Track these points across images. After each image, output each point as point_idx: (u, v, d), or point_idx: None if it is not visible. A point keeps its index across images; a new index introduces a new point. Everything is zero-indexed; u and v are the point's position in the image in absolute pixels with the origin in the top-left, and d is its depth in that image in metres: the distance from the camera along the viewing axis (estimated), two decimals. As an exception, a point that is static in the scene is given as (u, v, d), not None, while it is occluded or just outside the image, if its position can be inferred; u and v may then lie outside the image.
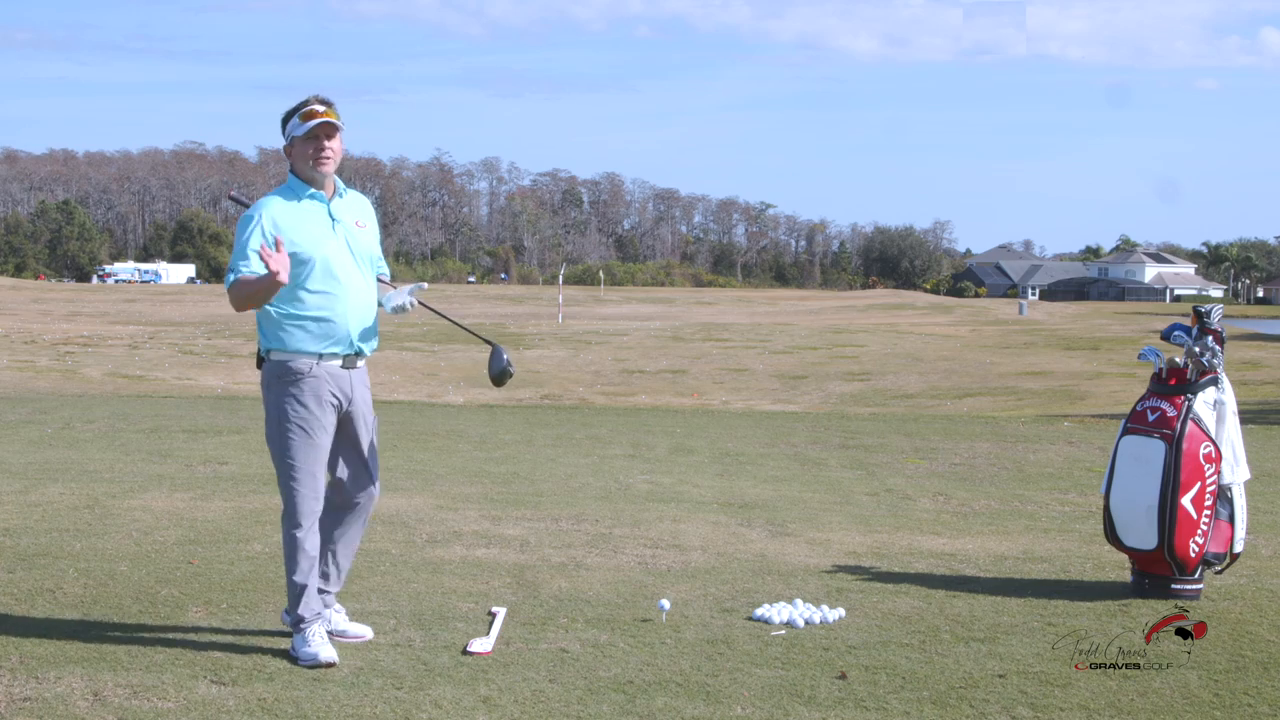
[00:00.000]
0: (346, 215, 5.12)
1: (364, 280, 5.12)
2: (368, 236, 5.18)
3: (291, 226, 4.95)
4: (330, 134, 5.01)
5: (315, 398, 4.99)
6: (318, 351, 4.99)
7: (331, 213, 5.07)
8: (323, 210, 5.06)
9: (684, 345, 42.11)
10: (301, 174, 5.06)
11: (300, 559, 5.00)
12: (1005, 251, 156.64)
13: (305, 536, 5.00)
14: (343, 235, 5.06)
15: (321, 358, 5.00)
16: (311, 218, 5.01)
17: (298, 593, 5.00)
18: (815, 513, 8.70)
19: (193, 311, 59.10)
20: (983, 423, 17.01)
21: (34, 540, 7.12)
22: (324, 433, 5.03)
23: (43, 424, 13.76)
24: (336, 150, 5.04)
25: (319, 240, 4.98)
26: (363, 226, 5.17)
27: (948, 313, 69.76)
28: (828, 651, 5.21)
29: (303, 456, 4.99)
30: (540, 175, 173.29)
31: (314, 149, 5.00)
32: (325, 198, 5.08)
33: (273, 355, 5.03)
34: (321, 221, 5.03)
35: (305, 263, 4.94)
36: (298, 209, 5.01)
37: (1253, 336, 48.93)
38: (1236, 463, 6.32)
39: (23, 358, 31.73)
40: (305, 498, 4.99)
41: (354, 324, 5.05)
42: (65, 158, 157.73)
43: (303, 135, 4.98)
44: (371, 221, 5.26)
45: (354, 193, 5.26)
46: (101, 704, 4.39)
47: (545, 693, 4.63)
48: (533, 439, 13.18)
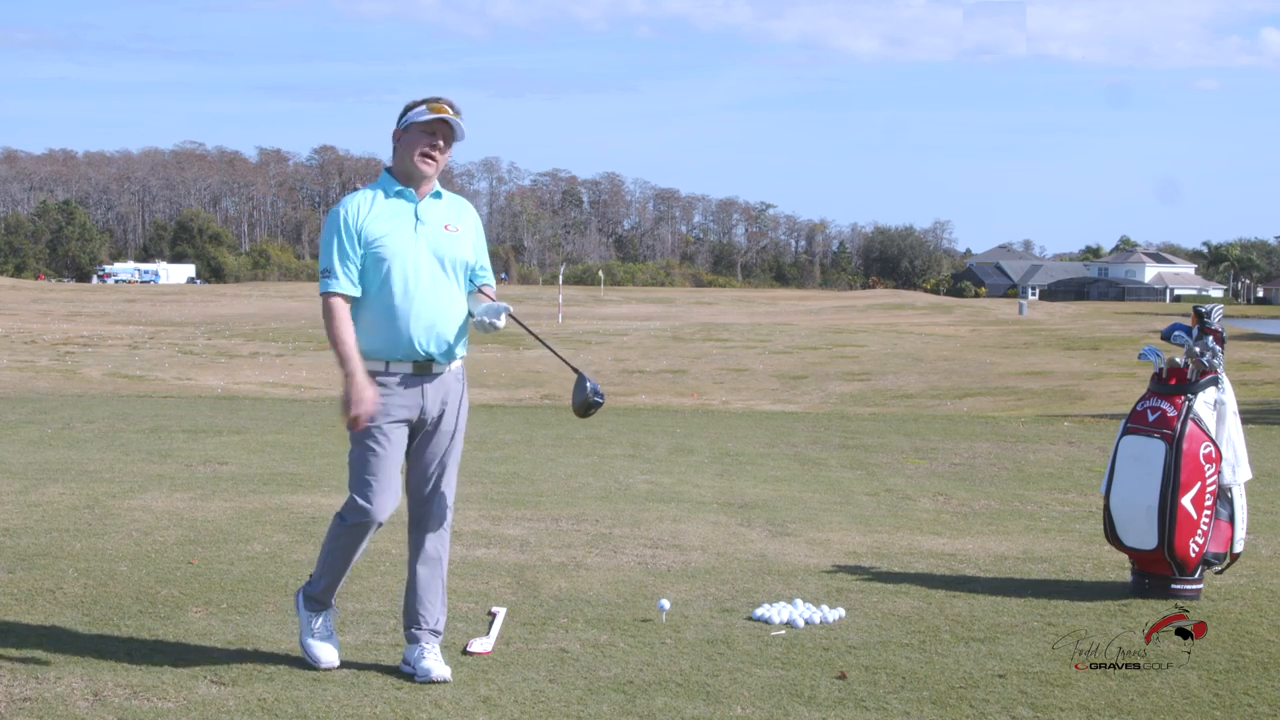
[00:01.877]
0: (435, 217, 4.89)
1: (444, 286, 4.84)
2: (459, 241, 4.90)
3: (372, 223, 4.78)
4: (447, 137, 4.83)
5: (382, 406, 4.77)
6: (385, 357, 4.81)
7: (418, 213, 4.85)
8: (409, 209, 4.85)
9: (684, 345, 42.12)
10: (399, 168, 4.86)
11: (341, 552, 4.88)
12: (1005, 251, 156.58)
13: (342, 533, 4.86)
14: (426, 237, 4.82)
15: (389, 364, 4.82)
16: (395, 215, 4.82)
17: (321, 572, 4.92)
18: (815, 513, 8.70)
19: (193, 311, 59.12)
20: (983, 423, 17.01)
21: (34, 540, 7.12)
22: (390, 443, 4.81)
23: (43, 424, 13.76)
24: (444, 156, 4.85)
25: (397, 240, 4.77)
26: (454, 231, 4.89)
27: (948, 313, 69.76)
28: (828, 651, 5.21)
29: (362, 459, 4.82)
30: (540, 175, 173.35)
31: (426, 143, 4.80)
32: (415, 197, 4.87)
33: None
34: (405, 221, 4.82)
35: (381, 262, 4.76)
36: (382, 205, 4.83)
37: (1253, 336, 48.93)
38: (1238, 463, 6.32)
39: (23, 358, 31.74)
40: (365, 500, 4.81)
41: (422, 330, 4.77)
42: (65, 158, 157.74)
43: (421, 123, 4.78)
44: (468, 226, 4.96)
45: (453, 196, 5.02)
46: (101, 704, 4.39)
47: (545, 693, 4.63)
48: (533, 439, 13.18)
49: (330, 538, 4.93)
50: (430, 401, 4.86)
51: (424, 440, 4.92)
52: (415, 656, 4.85)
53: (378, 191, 4.87)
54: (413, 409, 4.84)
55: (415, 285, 4.78)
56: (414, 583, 4.95)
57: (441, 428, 4.93)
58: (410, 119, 4.82)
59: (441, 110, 4.79)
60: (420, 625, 4.91)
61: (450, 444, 4.96)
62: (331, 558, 4.93)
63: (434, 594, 4.96)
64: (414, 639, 4.90)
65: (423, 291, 4.79)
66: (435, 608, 4.95)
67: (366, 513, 4.81)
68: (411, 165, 4.82)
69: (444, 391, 4.90)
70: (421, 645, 4.88)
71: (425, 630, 4.91)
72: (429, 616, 4.93)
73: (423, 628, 4.91)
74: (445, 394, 4.91)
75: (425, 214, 4.87)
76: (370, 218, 4.80)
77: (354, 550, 4.91)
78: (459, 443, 5.01)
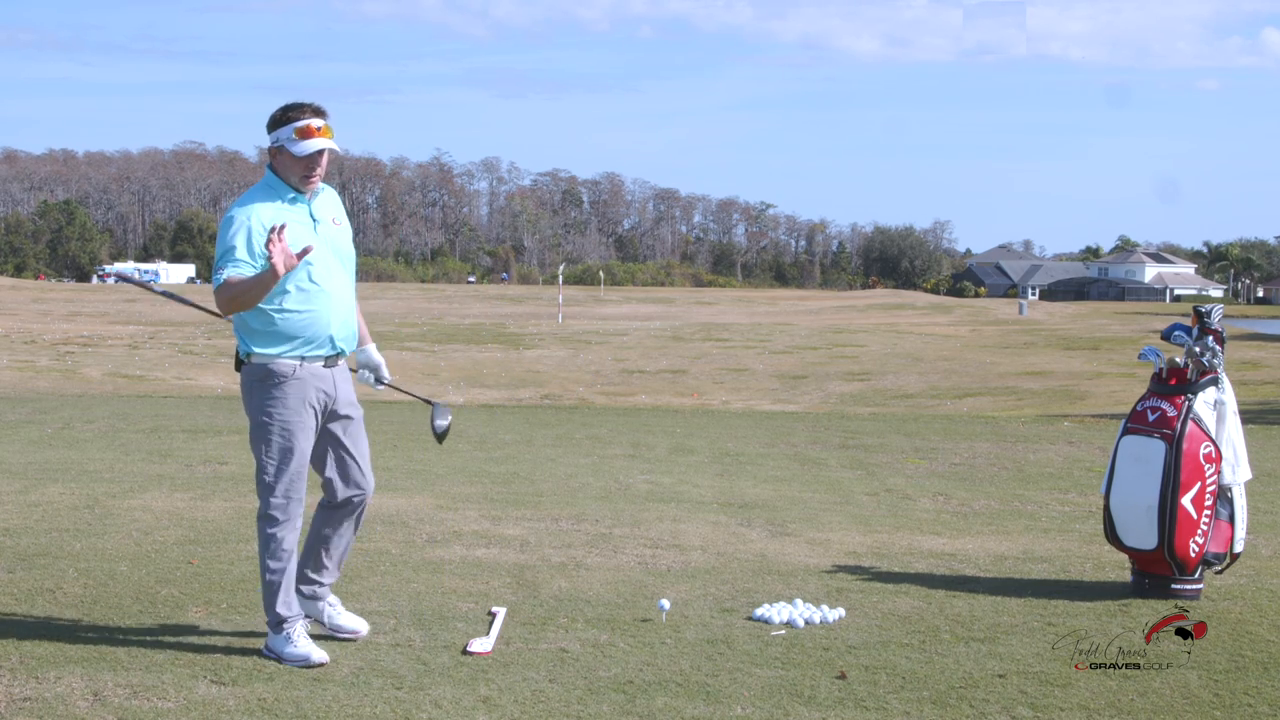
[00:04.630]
0: (324, 214, 5.06)
1: (343, 280, 5.06)
2: (344, 234, 5.14)
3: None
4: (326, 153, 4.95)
5: (299, 401, 4.94)
6: (300, 354, 4.94)
7: (313, 213, 5.01)
8: (304, 211, 4.98)
9: (684, 345, 42.12)
10: (284, 178, 4.97)
11: (275, 558, 4.97)
12: (1005, 251, 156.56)
13: (283, 535, 4.97)
14: (323, 236, 5.00)
15: (304, 360, 4.95)
16: (294, 219, 4.92)
17: (273, 591, 4.98)
18: (815, 513, 8.70)
19: (192, 311, 59.05)
20: (983, 423, 17.02)
21: (34, 540, 7.12)
22: (306, 435, 4.98)
23: (43, 424, 13.76)
24: (325, 169, 4.98)
25: (301, 242, 4.87)
26: (339, 224, 5.11)
27: (948, 313, 69.76)
28: (828, 651, 5.21)
29: (284, 459, 4.95)
30: (540, 175, 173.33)
31: (305, 167, 4.92)
32: (307, 199, 5.01)
33: (253, 358, 4.95)
34: (303, 222, 4.96)
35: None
36: (280, 210, 4.92)
37: (1253, 336, 48.93)
38: (1238, 463, 6.32)
39: (23, 358, 31.74)
40: (283, 499, 4.96)
41: (336, 326, 5.00)
42: (65, 158, 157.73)
43: (300, 156, 4.89)
44: (344, 217, 5.22)
45: (327, 187, 5.16)
46: (101, 704, 4.39)
47: (545, 693, 4.63)
48: (533, 439, 13.18)
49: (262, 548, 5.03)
50: (340, 391, 5.10)
51: (341, 426, 5.13)
52: (326, 615, 5.19)
53: (270, 195, 4.96)
54: (326, 400, 5.05)
55: (326, 283, 4.97)
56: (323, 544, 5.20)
57: (352, 416, 5.16)
58: (282, 142, 4.90)
59: (310, 134, 4.87)
60: (324, 579, 5.21)
61: (358, 426, 5.21)
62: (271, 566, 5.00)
63: (341, 553, 5.26)
64: (316, 595, 5.19)
65: (332, 288, 4.99)
66: (336, 563, 5.26)
67: (288, 508, 4.99)
68: (298, 185, 4.96)
69: (346, 380, 5.16)
70: (326, 601, 5.22)
71: (327, 585, 5.22)
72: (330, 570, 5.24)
73: (324, 581, 5.21)
74: (348, 383, 5.17)
75: (318, 212, 5.04)
76: (269, 222, 4.85)
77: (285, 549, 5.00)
78: (362, 420, 5.25)
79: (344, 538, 5.25)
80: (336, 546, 5.23)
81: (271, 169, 5.01)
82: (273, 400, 4.94)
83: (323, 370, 5.01)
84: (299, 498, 5.01)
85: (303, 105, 4.93)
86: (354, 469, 5.16)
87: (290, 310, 4.91)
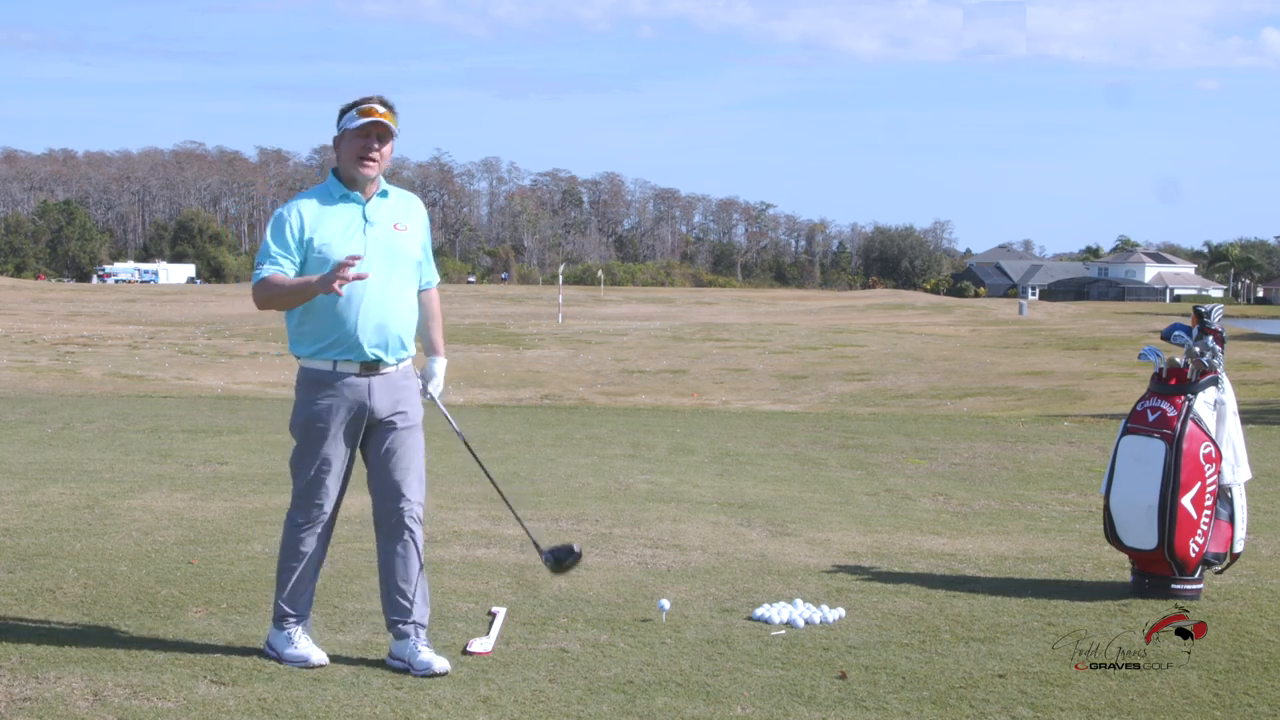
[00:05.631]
0: (383, 217, 4.91)
1: (393, 285, 4.87)
2: (408, 239, 4.95)
3: (317, 227, 4.81)
4: (383, 137, 4.84)
5: (329, 407, 4.84)
6: (333, 358, 4.84)
7: (366, 214, 4.88)
8: (356, 211, 4.87)
9: (684, 345, 42.12)
10: (343, 172, 4.89)
11: (289, 556, 4.95)
12: (1005, 251, 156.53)
13: (301, 537, 4.94)
14: (374, 238, 4.85)
15: (336, 365, 4.85)
16: (343, 219, 4.84)
17: (281, 585, 4.97)
18: (815, 513, 8.70)
19: (193, 311, 59.11)
20: (983, 423, 17.01)
21: (34, 540, 7.11)
22: (332, 442, 4.86)
23: (43, 424, 13.76)
24: (384, 155, 4.86)
25: (344, 243, 4.79)
26: (403, 229, 4.93)
27: (948, 313, 69.75)
28: (828, 651, 5.21)
29: (304, 462, 4.92)
30: (540, 175, 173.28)
31: (361, 146, 4.82)
32: (362, 199, 4.89)
33: (299, 360, 4.93)
34: (353, 224, 4.85)
35: (327, 263, 4.75)
36: (328, 208, 4.85)
37: (1253, 336, 48.92)
38: (1237, 463, 6.32)
39: (23, 358, 31.73)
40: (303, 502, 4.93)
41: (369, 331, 4.81)
42: (65, 158, 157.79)
43: (355, 129, 4.81)
44: (416, 223, 5.01)
45: (400, 192, 5.04)
46: (101, 704, 4.39)
47: (545, 693, 4.62)
48: (533, 439, 13.18)
49: (283, 546, 5.00)
50: (379, 400, 4.89)
51: (383, 438, 4.94)
52: (409, 651, 4.88)
53: (323, 195, 4.91)
54: (358, 409, 4.87)
55: (363, 286, 4.78)
56: (390, 578, 4.98)
57: (400, 425, 4.95)
58: (344, 125, 4.87)
59: (372, 113, 4.82)
60: (405, 619, 4.93)
61: (410, 440, 4.98)
62: (283, 561, 4.99)
63: (412, 587, 4.96)
64: (402, 634, 4.93)
65: (371, 292, 4.82)
66: (417, 600, 4.97)
67: (311, 513, 4.91)
68: (353, 169, 4.87)
69: (393, 390, 4.93)
70: (412, 639, 4.90)
71: (410, 623, 4.93)
72: (414, 609, 4.95)
73: (408, 621, 4.93)
74: (395, 393, 4.94)
75: (373, 214, 4.91)
76: (315, 221, 4.83)
77: (302, 550, 4.95)
78: (420, 437, 5.02)
79: (409, 567, 4.94)
80: (404, 579, 4.93)
81: (333, 171, 4.95)
82: (304, 402, 4.90)
83: (358, 379, 4.85)
84: (320, 504, 4.91)
85: (372, 96, 4.89)
86: (392, 480, 4.93)
87: (320, 314, 4.81)
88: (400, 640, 4.93)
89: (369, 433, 4.94)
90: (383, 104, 4.86)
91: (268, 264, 4.77)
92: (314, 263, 4.79)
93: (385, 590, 4.99)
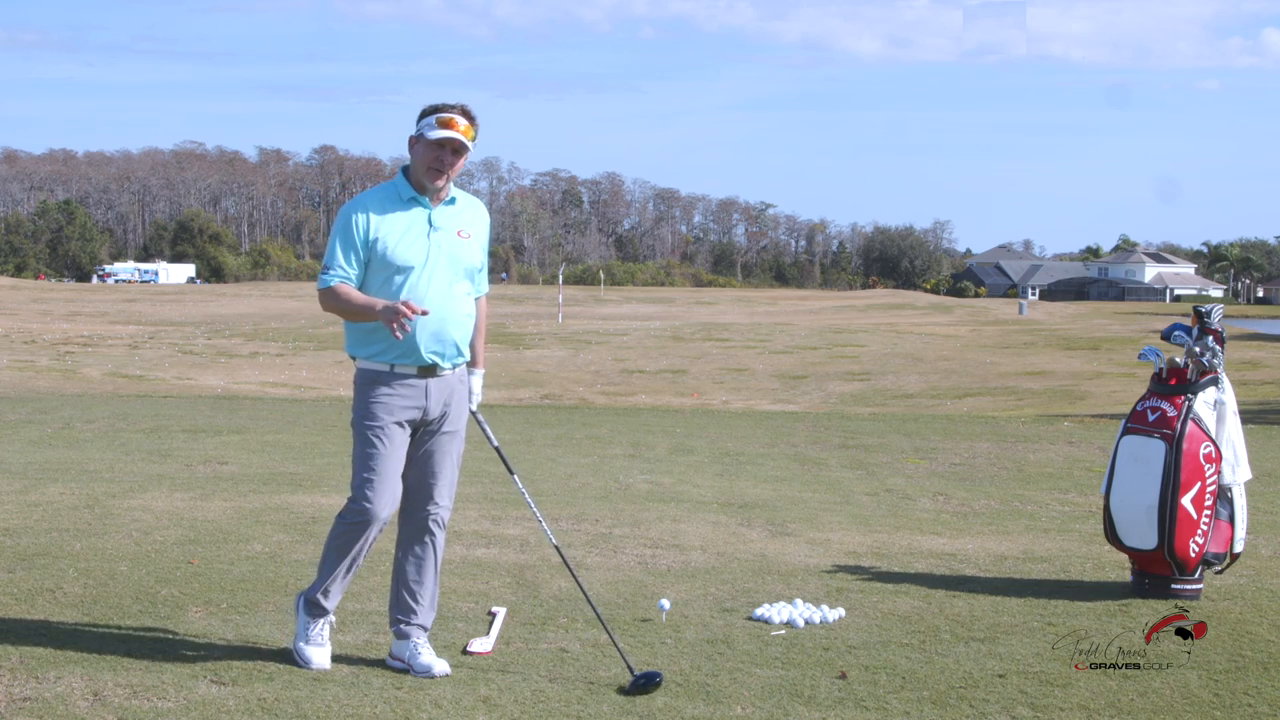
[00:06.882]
0: (448, 223, 4.88)
1: (453, 291, 4.86)
2: (471, 247, 4.94)
3: (383, 228, 4.79)
4: (458, 150, 4.81)
5: (385, 407, 4.81)
6: (390, 360, 4.83)
7: (431, 220, 4.86)
8: (423, 216, 4.85)
9: (684, 345, 42.12)
10: (414, 175, 4.87)
11: (337, 551, 4.89)
12: (1005, 251, 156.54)
13: (353, 535, 4.85)
14: (438, 244, 4.84)
15: (394, 366, 4.84)
16: (408, 222, 4.83)
17: (321, 577, 4.93)
18: (815, 513, 8.70)
19: (193, 311, 59.13)
20: (983, 423, 17.01)
21: (34, 540, 7.11)
22: (390, 442, 4.82)
23: (43, 424, 13.76)
24: (455, 169, 4.84)
25: (408, 247, 4.78)
26: (466, 237, 4.92)
27: (948, 313, 69.74)
28: (828, 651, 5.21)
29: (362, 462, 4.84)
30: (540, 175, 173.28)
31: (435, 158, 4.79)
32: (429, 203, 4.87)
33: (357, 361, 4.91)
34: (418, 228, 4.83)
35: (389, 266, 4.77)
36: (395, 209, 4.84)
37: (1253, 336, 48.91)
38: (1238, 463, 6.32)
39: (23, 358, 31.74)
40: (358, 503, 4.83)
41: (428, 336, 4.80)
42: (65, 158, 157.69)
43: (431, 139, 4.78)
44: (479, 230, 5.00)
45: (468, 198, 5.02)
46: (101, 704, 4.39)
47: (545, 693, 4.63)
48: (533, 439, 13.18)
49: (331, 537, 4.95)
50: (433, 402, 4.89)
51: (425, 440, 4.94)
52: (409, 652, 4.88)
53: (390, 196, 4.88)
54: (416, 410, 4.86)
55: (425, 291, 4.78)
56: (403, 576, 4.98)
57: (443, 429, 4.95)
58: (421, 129, 4.83)
59: (452, 125, 4.78)
60: (410, 619, 4.93)
61: (451, 445, 4.99)
62: (330, 557, 4.94)
63: (424, 589, 4.97)
64: (404, 634, 4.93)
65: (431, 298, 4.79)
66: (425, 603, 4.97)
67: (366, 512, 4.83)
68: (423, 177, 4.84)
69: (447, 392, 4.93)
70: (413, 641, 4.90)
71: (414, 625, 4.93)
72: (420, 611, 4.95)
73: (412, 622, 4.93)
74: (448, 395, 4.94)
75: (439, 220, 4.88)
76: (381, 222, 4.81)
77: (352, 550, 4.90)
78: (460, 444, 5.04)
79: (423, 570, 4.97)
80: (417, 580, 4.96)
81: (403, 170, 4.93)
82: (363, 403, 4.87)
83: (415, 380, 4.85)
84: (375, 505, 4.81)
85: (455, 105, 4.85)
86: (425, 482, 4.94)
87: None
88: (401, 640, 4.93)
89: (417, 436, 4.93)
90: (465, 115, 4.82)
91: (336, 273, 4.78)
92: (377, 263, 4.79)
93: (395, 587, 5.00)
